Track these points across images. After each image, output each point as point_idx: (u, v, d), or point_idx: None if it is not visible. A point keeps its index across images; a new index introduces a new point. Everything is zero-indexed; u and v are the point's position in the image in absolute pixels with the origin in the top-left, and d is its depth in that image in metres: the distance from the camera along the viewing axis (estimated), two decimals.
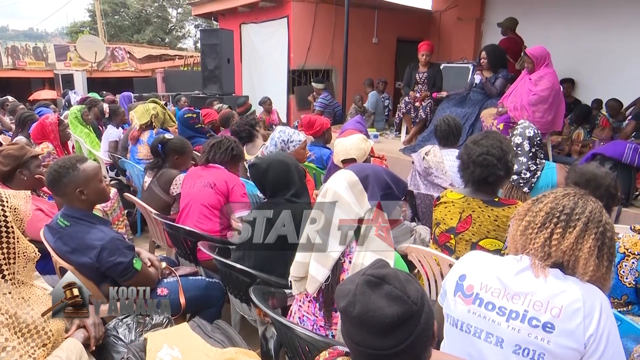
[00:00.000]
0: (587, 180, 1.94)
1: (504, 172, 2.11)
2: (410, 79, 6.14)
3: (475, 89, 5.41)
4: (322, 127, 4.14)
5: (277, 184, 2.17)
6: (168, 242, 3.03)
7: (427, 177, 3.27)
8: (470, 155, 2.13)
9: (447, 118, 3.31)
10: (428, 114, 5.84)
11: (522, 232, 1.33)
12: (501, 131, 4.58)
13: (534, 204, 1.34)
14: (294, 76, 8.90)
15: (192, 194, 2.84)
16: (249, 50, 9.70)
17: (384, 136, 6.87)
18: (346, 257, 1.53)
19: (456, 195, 2.23)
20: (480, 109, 5.21)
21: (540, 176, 2.95)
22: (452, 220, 2.20)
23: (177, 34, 30.75)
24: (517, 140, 2.99)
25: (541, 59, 4.38)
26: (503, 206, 2.10)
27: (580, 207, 1.27)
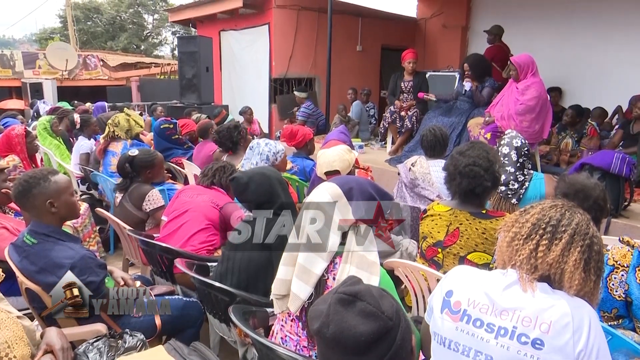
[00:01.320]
0: (576, 191, 1.98)
1: (491, 183, 2.14)
2: (396, 88, 6.22)
3: (462, 97, 5.50)
4: (305, 137, 4.15)
5: (259, 198, 2.17)
6: (143, 259, 2.99)
7: (413, 188, 3.30)
8: (456, 166, 2.16)
9: (433, 128, 3.35)
10: (414, 124, 5.91)
11: (508, 244, 1.35)
12: (489, 141, 4.65)
13: (521, 215, 1.36)
14: (275, 85, 8.94)
15: (194, 202, 2.84)
16: (228, 58, 9.71)
17: (369, 146, 6.92)
18: (330, 274, 1.53)
19: (443, 207, 2.26)
20: (467, 119, 5.30)
21: (528, 187, 3.00)
22: (440, 233, 2.22)
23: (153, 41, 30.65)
24: (504, 151, 3.04)
25: (525, 67, 4.48)
26: (491, 218, 2.12)
27: (567, 219, 1.30)
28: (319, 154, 2.89)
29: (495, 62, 6.62)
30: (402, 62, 6.10)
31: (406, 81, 6.12)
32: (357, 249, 1.48)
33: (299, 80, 9.16)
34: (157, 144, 5.11)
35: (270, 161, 3.16)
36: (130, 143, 4.49)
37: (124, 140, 4.51)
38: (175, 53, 22.88)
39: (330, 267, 1.53)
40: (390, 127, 6.22)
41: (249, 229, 2.11)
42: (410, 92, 6.10)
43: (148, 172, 3.36)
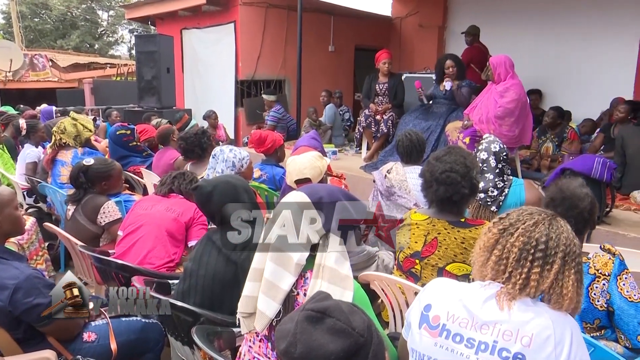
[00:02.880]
0: (563, 198, 2.03)
1: (469, 189, 2.18)
2: (370, 90, 6.29)
3: (439, 100, 5.60)
4: (275, 143, 4.16)
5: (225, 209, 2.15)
6: (97, 278, 2.93)
7: (389, 197, 3.33)
8: (432, 172, 2.20)
9: (409, 133, 3.40)
10: (390, 128, 5.98)
11: (492, 267, 1.38)
12: (467, 145, 4.75)
13: (502, 236, 1.39)
14: (242, 87, 8.91)
15: (150, 215, 2.80)
16: (191, 59, 9.64)
17: (343, 152, 6.97)
18: (300, 289, 1.52)
19: (420, 216, 2.29)
20: (445, 122, 5.40)
21: (508, 194, 3.07)
22: (417, 244, 2.25)
23: (108, 40, 30.16)
24: (482, 156, 3.11)
25: (498, 67, 4.59)
26: (470, 227, 2.16)
27: (554, 240, 1.33)
28: (289, 161, 2.90)
29: (474, 63, 6.78)
30: (376, 63, 6.18)
31: (381, 83, 6.20)
32: (328, 262, 1.48)
33: (267, 82, 9.16)
34: (112, 151, 5.01)
35: (237, 168, 3.16)
36: (82, 151, 4.39)
37: (74, 148, 4.40)
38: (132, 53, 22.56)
39: (301, 282, 1.53)
40: (365, 131, 6.28)
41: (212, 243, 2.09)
42: (386, 94, 6.19)
43: (104, 183, 3.31)
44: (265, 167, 4.06)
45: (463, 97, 5.41)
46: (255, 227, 2.10)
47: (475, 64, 6.74)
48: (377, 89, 6.22)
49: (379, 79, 6.23)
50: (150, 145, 5.33)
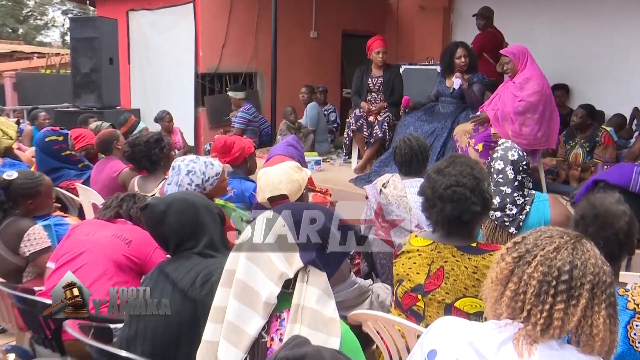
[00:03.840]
0: (595, 216, 2.06)
1: (481, 206, 2.21)
2: (361, 86, 6.35)
3: (445, 98, 5.67)
4: (244, 151, 4.15)
5: (181, 232, 2.16)
6: (19, 323, 2.88)
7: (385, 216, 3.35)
8: (435, 189, 2.22)
9: (408, 138, 3.43)
10: (386, 132, 6.03)
11: (508, 304, 1.39)
12: (480, 153, 4.81)
13: (518, 266, 1.40)
14: (204, 82, 8.90)
15: (93, 242, 2.76)
16: (140, 47, 9.61)
17: (329, 162, 7.01)
18: (274, 334, 1.52)
19: (423, 241, 2.30)
20: (453, 124, 5.47)
21: (529, 212, 3.11)
22: (419, 275, 2.26)
23: (36, 24, 29.96)
24: (498, 166, 3.15)
25: (521, 56, 4.69)
26: (483, 253, 2.18)
27: (579, 268, 1.35)
28: (260, 173, 2.90)
29: (487, 52, 6.89)
30: (368, 53, 6.25)
31: (374, 77, 6.26)
32: (308, 302, 1.48)
33: (235, 76, 9.17)
34: (40, 162, 4.96)
35: (202, 187, 3.12)
36: (1, 162, 4.35)
37: None
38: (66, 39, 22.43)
39: (274, 325, 1.52)
40: (355, 136, 6.31)
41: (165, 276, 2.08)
42: (380, 91, 6.24)
43: (30, 202, 3.27)
44: (233, 181, 4.04)
45: (474, 97, 5.48)
46: (220, 256, 2.10)
47: (489, 53, 6.84)
48: (370, 83, 6.28)
49: (372, 72, 6.29)
50: (88, 154, 5.29)
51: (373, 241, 3.27)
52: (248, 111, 7.58)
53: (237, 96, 7.77)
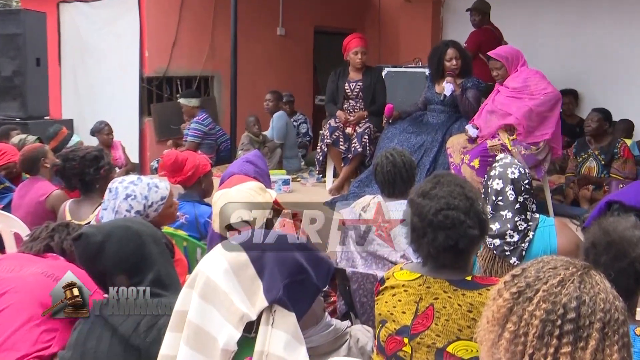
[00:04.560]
0: (608, 243, 2.08)
1: (479, 229, 2.22)
2: (337, 91, 6.38)
3: (434, 106, 5.72)
4: (198, 170, 4.14)
5: (122, 267, 2.15)
6: None
7: (366, 245, 3.36)
8: (422, 215, 2.22)
9: (392, 153, 3.45)
10: (366, 146, 6.04)
11: (506, 347, 1.40)
12: (477, 171, 4.86)
13: (517, 303, 1.42)
14: (150, 87, 8.86)
15: (16, 279, 2.70)
16: (74, 46, 9.55)
17: (299, 182, 7.00)
18: None
19: (409, 274, 2.30)
20: (445, 137, 5.52)
21: (533, 239, 3.14)
22: (405, 315, 2.26)
23: None
24: (496, 186, 3.17)
25: (514, 59, 4.80)
26: (480, 288, 2.19)
27: (588, 305, 1.36)
28: (216, 197, 2.89)
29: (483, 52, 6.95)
30: (345, 53, 6.29)
31: (352, 81, 6.30)
32: (274, 349, 1.48)
33: (187, 80, 9.16)
34: None
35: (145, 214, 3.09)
36: None
37: None
38: None
39: None
40: (330, 151, 6.33)
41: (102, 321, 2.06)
42: (359, 97, 6.28)
43: None
44: (184, 205, 4.03)
45: (469, 105, 5.53)
46: (169, 296, 2.09)
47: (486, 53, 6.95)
48: (347, 89, 6.31)
49: (350, 76, 6.33)
50: (10, 174, 5.22)
51: (351, 275, 3.27)
52: (203, 122, 7.55)
53: (190, 104, 7.74)
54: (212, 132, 7.63)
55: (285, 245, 1.63)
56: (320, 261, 1.70)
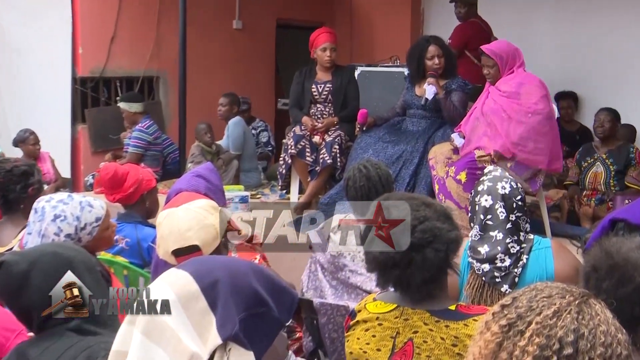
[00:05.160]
0: (611, 267, 2.10)
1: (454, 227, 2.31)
2: (303, 94, 6.40)
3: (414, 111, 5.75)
4: (141, 186, 4.13)
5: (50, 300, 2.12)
6: None
7: (336, 273, 3.37)
8: None
9: (365, 165, 3.47)
10: (337, 157, 6.05)
11: None
12: (464, 185, 4.89)
13: (507, 337, 1.43)
14: (85, 90, 8.78)
15: None
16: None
17: (259, 198, 6.99)
18: None
19: (384, 306, 2.31)
20: (427, 146, 5.56)
21: (527, 263, 3.16)
22: (380, 352, 2.27)
23: None
24: (484, 203, 3.19)
25: (510, 59, 4.85)
26: (466, 318, 2.21)
27: (587, 339, 1.38)
28: (161, 217, 2.88)
29: (471, 49, 7.04)
30: (312, 51, 6.33)
31: (320, 82, 6.33)
32: None
33: (128, 81, 9.10)
34: None
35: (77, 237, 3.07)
36: None
37: None
38: None
39: None
40: (295, 163, 6.32)
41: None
42: (329, 101, 6.31)
43: None
44: (125, 226, 4.01)
45: (454, 109, 5.57)
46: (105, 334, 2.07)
47: (473, 51, 7.00)
48: (315, 91, 6.34)
49: (318, 76, 6.37)
50: None
51: (319, 307, 3.28)
52: (147, 129, 7.51)
53: (131, 109, 7.69)
54: (157, 142, 7.59)
55: (241, 273, 1.62)
56: (282, 291, 1.69)
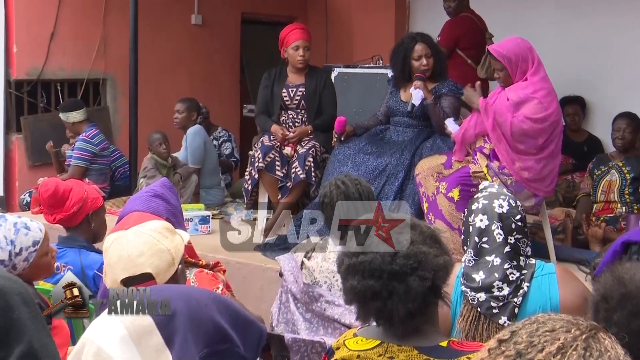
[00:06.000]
0: (623, 296, 2.11)
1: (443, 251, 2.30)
2: (272, 100, 6.41)
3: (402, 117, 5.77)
4: (86, 204, 4.12)
5: None
6: None
7: (311, 304, 3.37)
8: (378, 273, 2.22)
9: (343, 181, 3.48)
10: (311, 171, 6.06)
11: None
12: (456, 203, 4.90)
13: None
14: (20, 94, 8.73)
15: None
16: None
17: (223, 219, 6.98)
18: None
19: (365, 342, 2.30)
20: (414, 159, 5.57)
21: (528, 292, 3.17)
22: None
23: None
24: (479, 223, 3.18)
25: (520, 61, 4.86)
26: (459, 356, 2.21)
27: None
28: (108, 242, 2.86)
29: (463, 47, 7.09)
30: (282, 50, 6.34)
31: (292, 86, 6.35)
32: None
33: (71, 84, 9.07)
34: None
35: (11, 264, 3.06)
36: None
37: None
38: None
39: None
40: (263, 178, 6.31)
41: None
42: (302, 107, 6.33)
43: None
44: (67, 252, 4.00)
45: (445, 116, 5.56)
46: None
47: (465, 49, 7.06)
48: (286, 96, 6.36)
49: (289, 79, 6.39)
50: None
51: (291, 343, 3.27)
52: (92, 139, 7.48)
53: (69, 119, 7.65)
54: (104, 154, 7.56)
55: (202, 305, 1.63)
56: (249, 325, 1.70)
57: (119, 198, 7.16)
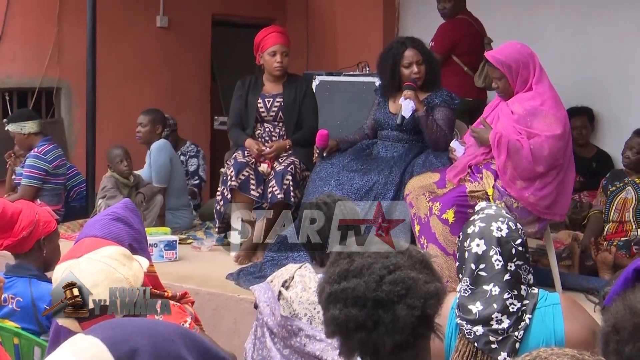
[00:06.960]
0: (635, 327, 2.13)
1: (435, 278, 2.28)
2: (247, 111, 6.44)
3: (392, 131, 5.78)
4: (37, 228, 4.13)
5: None
6: None
7: (289, 339, 3.37)
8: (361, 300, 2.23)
9: (325, 202, 3.51)
10: (290, 190, 6.08)
11: None
12: (450, 226, 4.92)
13: None
14: None
15: None
16: None
17: (191, 244, 7.00)
18: None
19: None
20: (404, 177, 5.61)
21: (530, 325, 3.19)
22: None
23: None
24: (476, 248, 3.20)
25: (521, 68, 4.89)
26: None
27: None
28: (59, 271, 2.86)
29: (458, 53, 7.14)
30: (257, 55, 6.38)
31: (269, 95, 6.39)
32: None
33: (21, 93, 9.06)
34: None
35: None
36: None
37: None
38: None
39: None
40: (237, 198, 6.32)
41: None
42: (280, 119, 6.36)
43: None
44: (16, 282, 4.00)
45: (438, 130, 5.62)
46: None
47: (461, 55, 7.11)
48: (262, 107, 6.38)
49: (265, 88, 6.43)
50: None
51: None
52: (45, 155, 7.46)
53: (23, 130, 7.63)
54: (58, 172, 7.54)
55: (167, 340, 1.63)
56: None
57: (75, 221, 7.15)
